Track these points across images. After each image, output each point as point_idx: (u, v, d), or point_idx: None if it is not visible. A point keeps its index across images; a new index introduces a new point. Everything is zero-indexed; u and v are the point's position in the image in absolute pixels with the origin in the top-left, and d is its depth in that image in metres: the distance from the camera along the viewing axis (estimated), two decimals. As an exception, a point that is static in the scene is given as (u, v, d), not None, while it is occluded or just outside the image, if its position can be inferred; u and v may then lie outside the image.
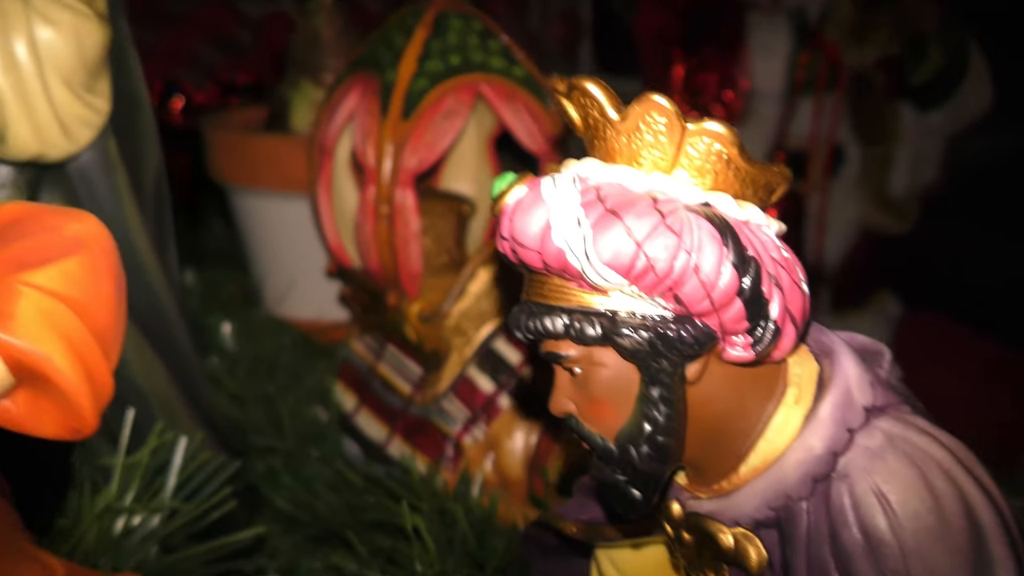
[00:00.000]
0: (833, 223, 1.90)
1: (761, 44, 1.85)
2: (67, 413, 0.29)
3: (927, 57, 1.87)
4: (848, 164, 1.87)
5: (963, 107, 1.88)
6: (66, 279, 0.31)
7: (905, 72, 1.86)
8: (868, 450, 0.34)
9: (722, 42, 1.90)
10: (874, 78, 1.85)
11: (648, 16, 2.06)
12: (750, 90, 1.84)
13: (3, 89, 0.51)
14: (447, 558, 0.64)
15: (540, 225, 0.34)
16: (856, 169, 1.88)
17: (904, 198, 1.91)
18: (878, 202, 1.92)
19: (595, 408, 0.36)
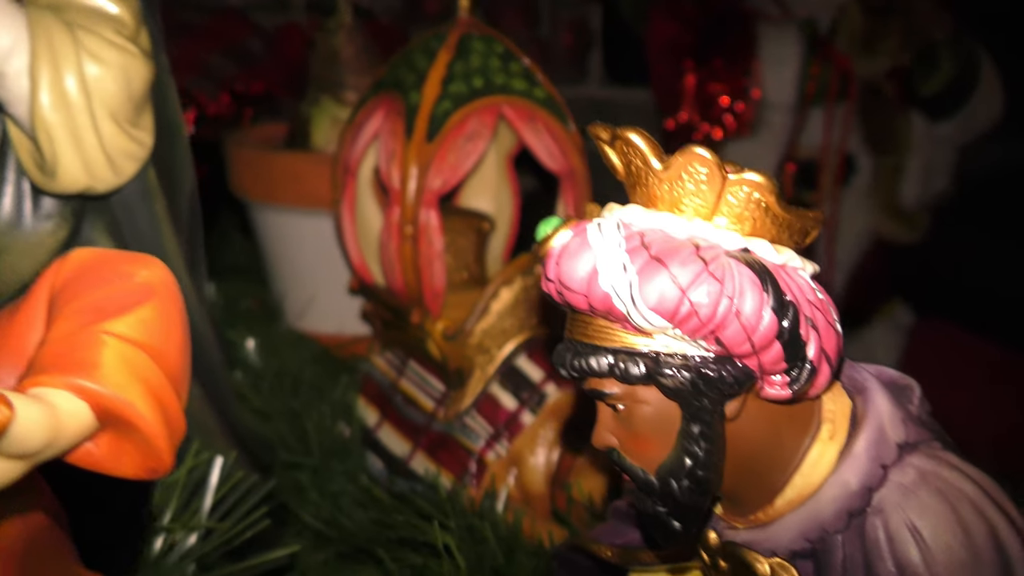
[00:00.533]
0: (844, 232, 1.90)
1: (772, 55, 1.85)
2: (146, 454, 0.31)
3: (938, 67, 1.88)
4: (859, 173, 1.88)
5: (974, 117, 1.88)
6: (143, 326, 0.32)
7: (915, 82, 1.86)
8: (901, 486, 0.36)
9: (733, 53, 1.90)
10: (885, 88, 1.86)
11: (659, 27, 2.07)
12: (761, 100, 1.85)
13: (55, 125, 0.53)
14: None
15: (587, 270, 0.36)
16: (867, 178, 1.89)
17: (915, 207, 1.92)
18: (889, 211, 1.93)
19: (637, 443, 0.38)
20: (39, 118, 0.52)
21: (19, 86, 0.52)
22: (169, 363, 0.33)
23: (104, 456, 0.31)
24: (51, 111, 0.52)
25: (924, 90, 1.86)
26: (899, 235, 1.91)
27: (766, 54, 1.86)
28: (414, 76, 0.91)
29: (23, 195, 0.59)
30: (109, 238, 0.63)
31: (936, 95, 1.86)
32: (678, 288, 0.34)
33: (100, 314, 0.32)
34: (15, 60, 0.52)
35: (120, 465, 0.31)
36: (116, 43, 0.55)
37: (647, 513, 0.39)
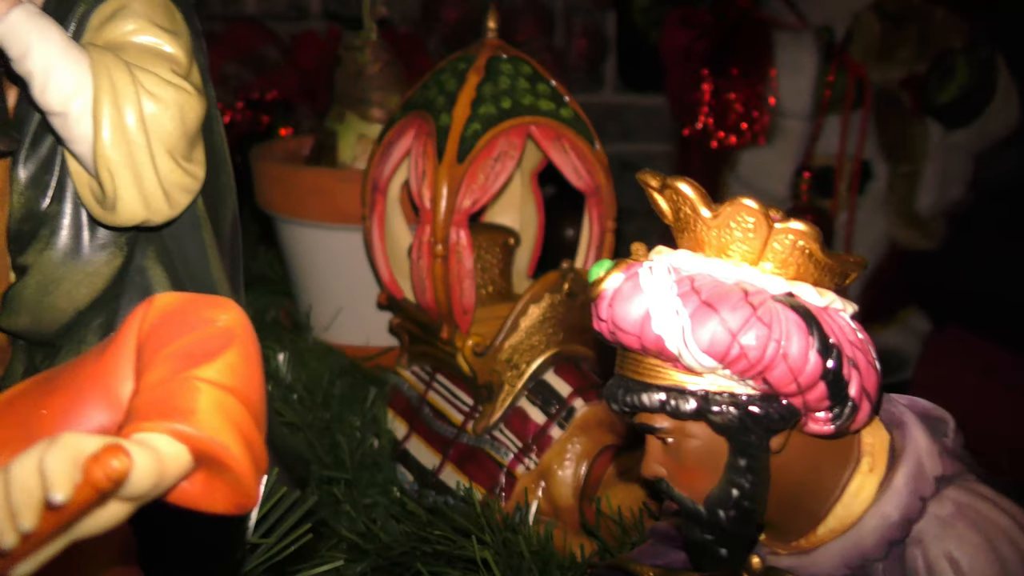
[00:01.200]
0: (860, 239, 1.91)
1: (787, 63, 1.86)
2: (236, 491, 0.34)
3: (953, 75, 1.88)
4: (875, 181, 1.89)
5: (990, 125, 1.89)
6: (230, 371, 0.35)
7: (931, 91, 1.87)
8: (939, 518, 0.38)
9: (748, 61, 1.91)
10: (900, 96, 1.86)
11: (674, 34, 2.08)
12: (777, 108, 1.85)
13: (116, 163, 0.55)
14: (513, 590, 0.69)
15: (640, 314, 0.38)
16: (883, 186, 1.90)
17: (930, 214, 1.92)
18: (905, 219, 1.93)
19: (686, 474, 0.40)
20: (101, 156, 0.55)
21: (82, 125, 0.55)
22: (252, 403, 0.35)
23: (198, 494, 0.33)
24: (112, 149, 0.55)
25: (940, 98, 1.87)
26: (915, 242, 1.91)
27: (782, 62, 1.86)
28: (444, 98, 0.93)
29: (81, 226, 0.61)
30: (160, 265, 0.66)
31: (952, 103, 1.86)
32: (729, 332, 0.37)
33: (190, 360, 0.34)
34: (78, 101, 0.54)
35: (212, 502, 0.34)
36: (172, 82, 0.57)
37: (694, 540, 0.41)
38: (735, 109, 1.93)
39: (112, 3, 0.59)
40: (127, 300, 0.65)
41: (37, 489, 0.28)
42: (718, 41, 1.96)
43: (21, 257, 0.61)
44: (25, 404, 0.37)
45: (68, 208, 0.61)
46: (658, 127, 2.59)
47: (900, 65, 1.86)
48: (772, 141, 1.86)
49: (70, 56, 0.54)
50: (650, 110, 2.54)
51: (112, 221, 0.58)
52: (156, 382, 0.34)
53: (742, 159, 1.94)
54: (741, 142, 1.90)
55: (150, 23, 0.59)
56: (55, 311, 0.62)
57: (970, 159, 1.95)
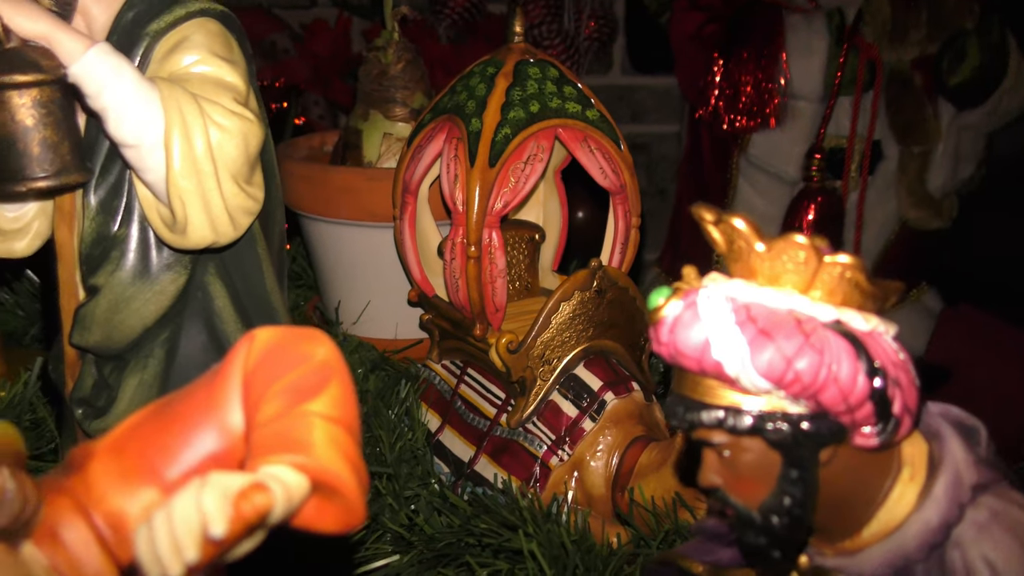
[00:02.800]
0: (872, 219, 1.93)
1: (799, 45, 1.86)
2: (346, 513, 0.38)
3: (966, 56, 1.88)
4: (886, 161, 1.90)
5: (1001, 105, 1.90)
6: (334, 404, 0.39)
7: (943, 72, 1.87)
8: (976, 523, 0.42)
9: (759, 43, 1.91)
10: (912, 77, 1.87)
11: (684, 18, 2.08)
12: (788, 90, 1.86)
13: (187, 191, 0.59)
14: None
15: (700, 340, 0.42)
16: (894, 166, 1.91)
17: (942, 194, 1.93)
18: (916, 198, 1.93)
19: (741, 484, 0.44)
20: (173, 185, 0.59)
21: (155, 157, 0.58)
22: (354, 429, 0.39)
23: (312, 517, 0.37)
24: (183, 179, 0.59)
25: (952, 79, 1.87)
26: (926, 222, 1.92)
27: (793, 44, 1.87)
28: (474, 103, 0.96)
29: (148, 248, 0.65)
30: (220, 281, 0.70)
31: (964, 84, 1.87)
32: (784, 359, 0.40)
33: (299, 396, 0.38)
34: (151, 134, 0.58)
35: (325, 523, 0.38)
36: (235, 111, 0.61)
37: (749, 543, 0.45)
38: (746, 92, 1.93)
39: (174, 36, 0.62)
40: (189, 315, 0.69)
41: (198, 525, 0.32)
42: (728, 24, 1.97)
43: (92, 278, 0.64)
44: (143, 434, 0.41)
45: (135, 231, 0.64)
46: (667, 108, 2.61)
47: (912, 46, 1.85)
48: (783, 123, 1.87)
49: (142, 92, 0.57)
50: (659, 91, 2.56)
51: (182, 244, 0.62)
52: (271, 418, 0.38)
53: (753, 141, 1.95)
54: (752, 125, 1.91)
55: (211, 53, 0.62)
56: (125, 328, 0.65)
57: (982, 138, 1.96)
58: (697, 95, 1.96)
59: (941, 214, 1.94)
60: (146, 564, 0.33)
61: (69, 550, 0.37)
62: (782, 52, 1.89)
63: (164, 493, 0.39)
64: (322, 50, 2.29)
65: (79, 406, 0.68)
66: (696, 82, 1.99)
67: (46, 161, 0.57)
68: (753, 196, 1.98)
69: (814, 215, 1.86)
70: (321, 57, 2.27)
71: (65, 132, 0.58)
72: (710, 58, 1.93)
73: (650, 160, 2.67)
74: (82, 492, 0.39)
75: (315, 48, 2.28)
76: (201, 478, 0.34)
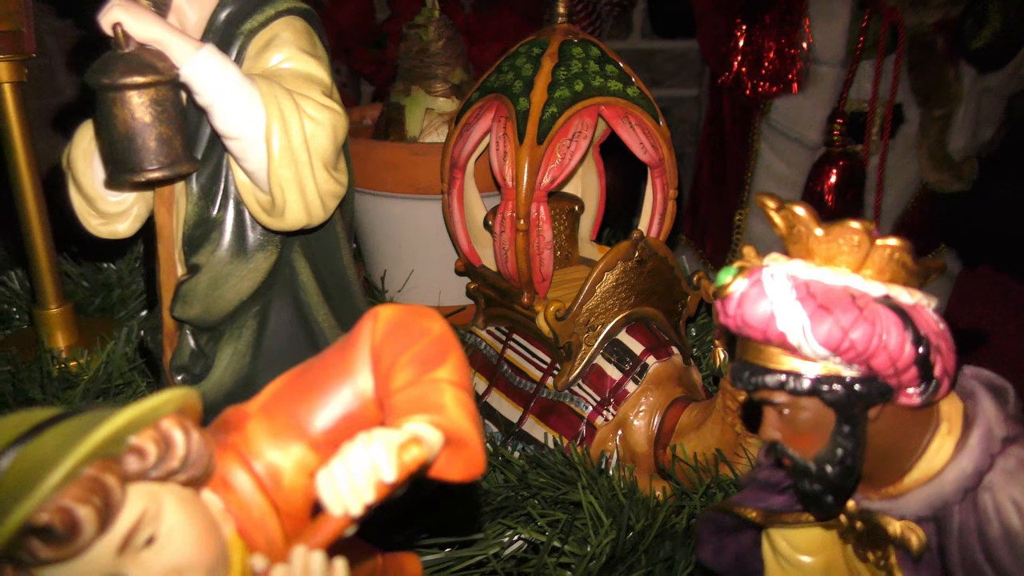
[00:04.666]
0: (892, 182, 1.96)
1: (821, 9, 1.88)
2: (471, 463, 0.45)
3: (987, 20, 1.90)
4: (907, 125, 1.93)
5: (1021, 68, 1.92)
6: (457, 371, 0.46)
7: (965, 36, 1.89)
8: (1005, 470, 0.49)
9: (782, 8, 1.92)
10: (934, 41, 1.88)
11: (708, -16, 2.08)
12: (810, 55, 1.88)
13: (286, 178, 0.65)
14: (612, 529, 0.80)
15: (766, 314, 0.49)
16: (915, 130, 1.94)
17: (962, 156, 1.96)
18: (937, 161, 1.96)
19: (799, 438, 0.51)
20: (274, 173, 0.65)
21: (257, 148, 0.64)
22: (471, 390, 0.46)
23: (443, 467, 0.44)
24: (282, 168, 0.65)
25: (974, 43, 1.89)
26: (947, 184, 1.95)
27: (815, 9, 1.88)
28: (521, 83, 1.02)
29: (244, 229, 0.72)
30: (304, 258, 0.76)
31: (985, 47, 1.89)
32: (842, 330, 0.47)
33: (426, 365, 0.45)
34: (253, 127, 0.64)
35: (453, 472, 0.45)
36: (325, 103, 0.67)
37: (805, 490, 0.52)
38: (768, 57, 1.95)
39: (265, 34, 0.68)
40: (278, 289, 0.76)
41: (373, 472, 0.40)
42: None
43: (194, 257, 0.71)
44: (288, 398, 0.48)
45: (232, 214, 0.71)
46: (686, 72, 2.64)
47: (934, 10, 1.86)
48: (805, 88, 1.89)
49: (245, 89, 0.63)
50: (678, 55, 2.59)
51: (279, 226, 0.68)
52: (405, 384, 0.45)
53: (775, 106, 1.98)
54: (775, 90, 1.93)
55: (299, 50, 0.68)
56: (223, 302, 0.72)
57: (1002, 101, 1.97)
58: (719, 61, 1.98)
59: (961, 177, 1.96)
60: (330, 504, 0.40)
61: (238, 495, 0.45)
62: (804, 17, 1.90)
63: (310, 447, 0.47)
64: (346, 20, 2.32)
65: (178, 372, 0.75)
66: (718, 48, 2.00)
67: (161, 154, 0.63)
68: (775, 161, 2.01)
69: (835, 179, 1.90)
70: (345, 26, 2.30)
71: (177, 127, 0.64)
72: (733, 24, 1.94)
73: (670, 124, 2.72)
74: (243, 447, 0.46)
75: (339, 18, 2.31)
76: (367, 433, 0.41)
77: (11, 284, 1.23)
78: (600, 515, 0.81)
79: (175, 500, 0.42)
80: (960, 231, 2.13)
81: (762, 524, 0.62)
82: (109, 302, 1.24)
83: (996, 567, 0.49)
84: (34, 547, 0.38)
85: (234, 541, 0.45)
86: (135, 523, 0.40)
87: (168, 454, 0.41)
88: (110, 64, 0.61)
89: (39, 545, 0.38)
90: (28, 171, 1.04)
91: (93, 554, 0.39)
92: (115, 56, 0.61)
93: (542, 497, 0.88)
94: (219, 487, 0.45)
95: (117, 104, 0.61)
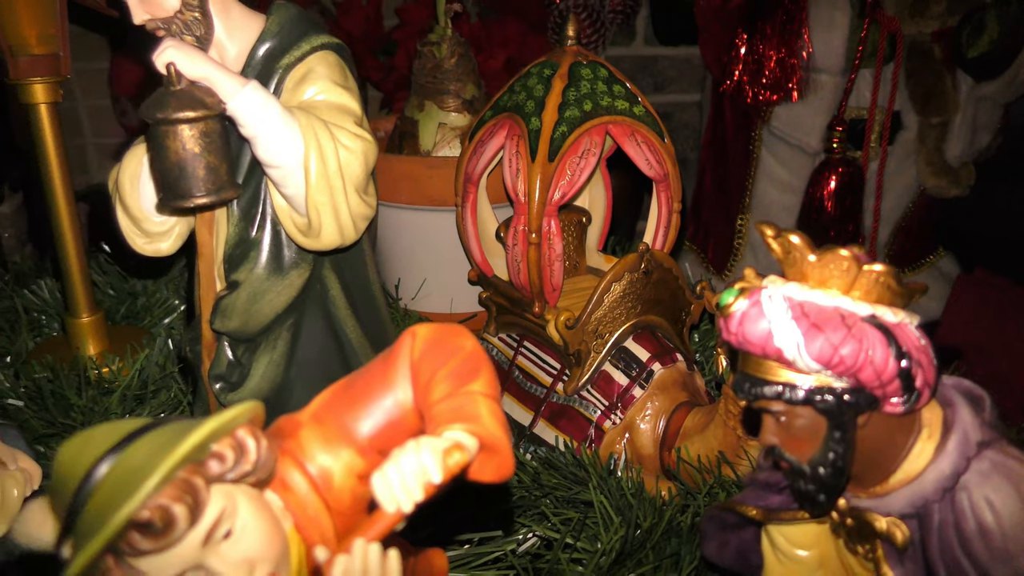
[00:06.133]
0: (891, 188, 2.01)
1: (821, 19, 1.93)
2: (501, 466, 0.51)
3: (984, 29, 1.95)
4: (905, 131, 1.98)
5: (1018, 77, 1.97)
6: (489, 384, 0.52)
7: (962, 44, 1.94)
8: (980, 472, 0.55)
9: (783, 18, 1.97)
10: (932, 50, 1.93)
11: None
12: (810, 64, 1.93)
13: (322, 203, 0.71)
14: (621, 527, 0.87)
15: (764, 331, 0.55)
16: (913, 136, 1.98)
17: (960, 162, 2.01)
18: (935, 167, 2.00)
19: (794, 443, 0.57)
20: (311, 199, 0.71)
21: (296, 175, 0.70)
22: (500, 401, 0.52)
23: (478, 470, 0.51)
24: (319, 193, 0.71)
25: (971, 52, 1.93)
26: (944, 190, 2.00)
27: (816, 18, 1.93)
28: (533, 103, 1.08)
29: (280, 248, 0.78)
30: (334, 274, 0.82)
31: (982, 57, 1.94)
32: (832, 346, 0.53)
33: (462, 379, 0.52)
34: (293, 156, 0.70)
35: (486, 475, 0.51)
36: (357, 133, 0.73)
37: (799, 490, 0.58)
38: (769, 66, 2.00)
39: (301, 68, 0.74)
40: (310, 303, 0.82)
41: (422, 475, 0.46)
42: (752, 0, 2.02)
43: (234, 274, 0.77)
44: (336, 407, 0.54)
45: (269, 234, 0.77)
46: (688, 78, 2.69)
47: (932, 19, 1.89)
48: (805, 96, 1.94)
49: (286, 121, 0.69)
50: (680, 61, 2.64)
51: (314, 247, 0.75)
52: (443, 396, 0.51)
53: (776, 113, 2.03)
54: (775, 97, 1.98)
55: (332, 83, 0.74)
56: (260, 316, 0.78)
57: (998, 109, 2.02)
58: (721, 69, 2.03)
59: (959, 182, 2.01)
60: (385, 502, 0.46)
61: (295, 494, 0.51)
62: (805, 27, 1.94)
63: (357, 451, 0.53)
64: (354, 28, 2.37)
65: (216, 381, 0.81)
66: (720, 57, 2.06)
67: (209, 182, 0.69)
68: (775, 166, 2.07)
69: (835, 185, 1.95)
70: (353, 34, 2.35)
71: (223, 156, 0.70)
72: (734, 33, 1.99)
73: (672, 129, 2.76)
74: (298, 452, 0.52)
75: (347, 26, 2.37)
76: (416, 441, 0.47)
77: (41, 293, 1.29)
78: (610, 513, 0.87)
79: (246, 499, 0.48)
80: (957, 235, 2.17)
81: (762, 521, 0.68)
82: (134, 310, 1.31)
83: (972, 559, 0.56)
84: (134, 540, 0.44)
85: (292, 535, 0.51)
86: (217, 519, 0.46)
87: (242, 459, 0.48)
88: (164, 100, 0.67)
89: (139, 538, 0.44)
90: (62, 187, 1.10)
91: (183, 546, 0.45)
92: (168, 93, 0.67)
93: (555, 497, 0.94)
94: (279, 488, 0.52)
95: (170, 136, 0.67)
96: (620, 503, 0.91)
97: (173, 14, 0.71)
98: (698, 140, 2.61)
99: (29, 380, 1.03)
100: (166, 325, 1.26)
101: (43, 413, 1.00)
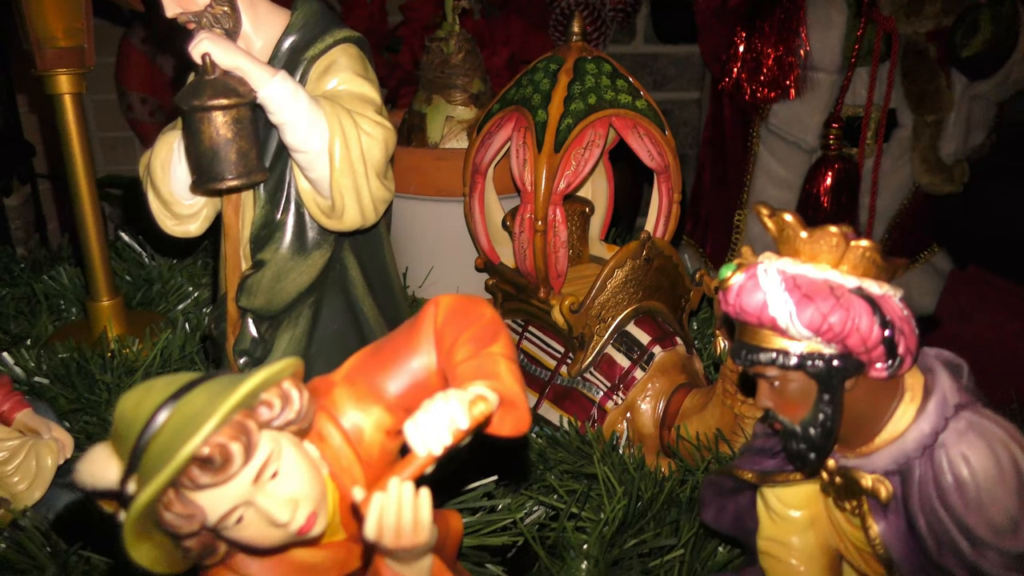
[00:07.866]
0: (886, 185, 2.05)
1: (818, 18, 1.96)
2: (519, 421, 0.56)
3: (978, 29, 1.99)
4: (901, 129, 2.03)
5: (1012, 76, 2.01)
6: (505, 346, 0.57)
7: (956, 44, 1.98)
8: (957, 431, 0.61)
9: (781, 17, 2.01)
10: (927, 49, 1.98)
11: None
12: (807, 62, 1.98)
13: (346, 187, 0.77)
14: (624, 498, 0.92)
15: (759, 301, 0.60)
16: (908, 134, 2.03)
17: (954, 160, 2.05)
18: (929, 165, 2.05)
19: (787, 405, 0.63)
20: (336, 182, 0.76)
21: (321, 160, 0.76)
22: (517, 362, 0.58)
23: (498, 424, 0.56)
24: (343, 177, 0.76)
25: (965, 52, 1.97)
26: (938, 187, 2.04)
27: (813, 17, 1.97)
28: (539, 96, 1.13)
29: (304, 229, 0.83)
30: (353, 255, 0.88)
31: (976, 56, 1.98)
32: (822, 315, 0.58)
33: (482, 342, 0.57)
34: (320, 142, 0.75)
35: (505, 429, 0.56)
36: (378, 121, 0.78)
37: (792, 449, 0.64)
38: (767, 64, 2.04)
39: (325, 60, 0.80)
40: (331, 282, 0.87)
41: (451, 421, 0.51)
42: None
43: (259, 254, 0.82)
44: (366, 368, 0.59)
45: (293, 216, 0.82)
46: (688, 76, 2.74)
47: (927, 19, 1.93)
48: (802, 93, 1.99)
49: (312, 110, 0.74)
50: (680, 59, 2.69)
51: (337, 227, 0.80)
52: (466, 357, 0.57)
53: (774, 111, 2.08)
54: (773, 95, 2.03)
55: (354, 74, 0.79)
56: (284, 294, 0.84)
57: (992, 107, 2.06)
58: (720, 67, 2.08)
59: (953, 179, 2.05)
60: (416, 446, 0.52)
61: (330, 446, 0.56)
62: (802, 26, 1.98)
63: (386, 408, 0.58)
64: (359, 24, 2.41)
65: (240, 356, 0.86)
66: (719, 55, 2.10)
67: (240, 165, 0.74)
68: (773, 163, 2.12)
69: (831, 181, 2.00)
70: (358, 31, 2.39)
71: (253, 142, 0.75)
72: (733, 31, 2.03)
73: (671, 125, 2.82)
74: (332, 409, 0.57)
75: (352, 22, 2.41)
76: (444, 392, 0.52)
77: (60, 279, 1.34)
78: (614, 484, 0.92)
79: (290, 444, 0.54)
80: (951, 231, 2.21)
81: (757, 484, 0.73)
82: (150, 296, 1.36)
83: (949, 510, 0.61)
84: (195, 475, 0.49)
85: (328, 482, 0.56)
86: (266, 459, 0.52)
87: (287, 407, 0.53)
88: (199, 88, 0.72)
89: (199, 473, 0.49)
90: (85, 175, 1.15)
91: (236, 482, 0.51)
92: (203, 81, 0.72)
93: (560, 470, 0.99)
94: (316, 439, 0.57)
95: (204, 123, 0.72)
96: (623, 476, 0.96)
97: (204, 8, 0.77)
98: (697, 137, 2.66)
99: (54, 358, 1.08)
100: (181, 310, 1.31)
101: (68, 391, 1.05)
